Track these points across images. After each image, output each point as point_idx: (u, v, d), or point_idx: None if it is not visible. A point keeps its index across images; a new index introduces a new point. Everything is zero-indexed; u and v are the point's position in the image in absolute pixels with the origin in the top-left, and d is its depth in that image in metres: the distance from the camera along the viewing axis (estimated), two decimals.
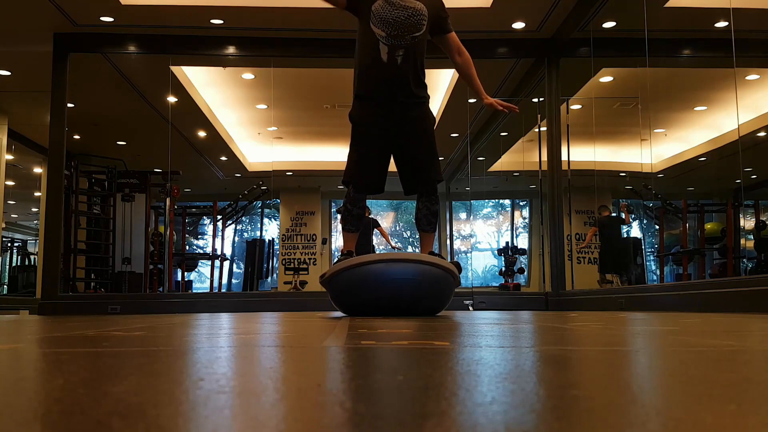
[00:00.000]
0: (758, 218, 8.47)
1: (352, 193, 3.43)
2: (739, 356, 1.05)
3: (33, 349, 1.32)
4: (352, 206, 3.46)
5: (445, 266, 3.29)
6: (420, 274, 3.20)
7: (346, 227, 3.53)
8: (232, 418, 0.49)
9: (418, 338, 1.45)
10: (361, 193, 3.46)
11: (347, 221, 3.50)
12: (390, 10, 3.28)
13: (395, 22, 3.28)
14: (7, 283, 13.13)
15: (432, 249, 3.57)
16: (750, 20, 5.38)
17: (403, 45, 3.32)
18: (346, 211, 3.49)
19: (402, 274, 3.18)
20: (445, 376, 0.76)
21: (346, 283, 3.32)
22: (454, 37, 3.53)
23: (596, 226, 8.69)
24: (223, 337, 1.58)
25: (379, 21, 3.29)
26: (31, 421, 0.49)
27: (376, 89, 3.37)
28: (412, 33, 3.32)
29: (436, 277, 3.25)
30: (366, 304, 3.27)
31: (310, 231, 13.10)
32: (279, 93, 8.93)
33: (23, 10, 6.53)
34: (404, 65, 3.33)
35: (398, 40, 3.31)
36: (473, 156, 10.09)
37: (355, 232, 3.55)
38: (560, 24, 6.92)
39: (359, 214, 3.50)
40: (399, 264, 3.25)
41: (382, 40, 3.31)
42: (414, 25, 3.32)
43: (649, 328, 1.96)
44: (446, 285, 3.33)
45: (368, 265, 3.25)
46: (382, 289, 3.16)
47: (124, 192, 9.18)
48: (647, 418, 0.48)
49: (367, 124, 3.41)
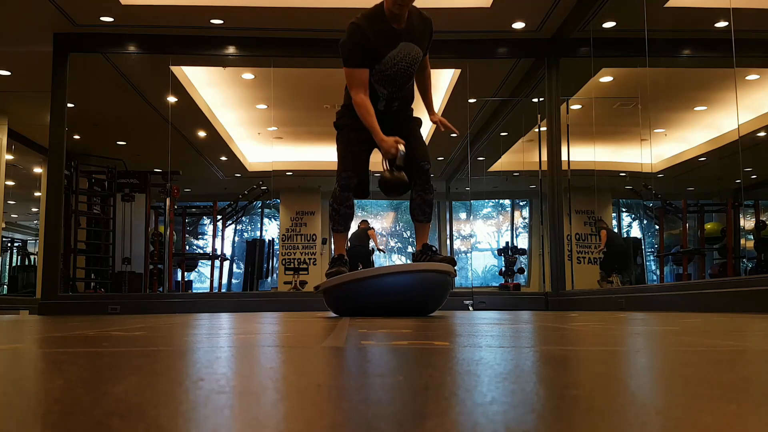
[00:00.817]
0: (758, 218, 8.47)
1: (339, 192, 3.42)
2: (739, 356, 1.05)
3: (33, 349, 1.32)
4: (339, 205, 3.42)
5: (441, 269, 3.27)
6: (414, 285, 3.20)
7: (334, 227, 3.50)
8: (232, 418, 0.49)
9: (418, 338, 1.45)
10: (347, 191, 3.43)
11: (335, 221, 3.46)
12: (392, 68, 3.33)
13: (395, 77, 3.35)
14: (7, 283, 13.13)
15: (427, 241, 3.51)
16: (750, 20, 5.38)
17: (400, 97, 3.45)
18: (333, 210, 3.45)
19: (396, 287, 3.18)
20: (445, 376, 0.76)
21: (342, 298, 3.35)
22: (427, 59, 3.61)
23: (606, 230, 8.70)
24: (223, 337, 1.58)
25: (382, 80, 3.35)
26: (31, 421, 0.49)
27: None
28: (407, 83, 3.43)
29: (432, 282, 3.25)
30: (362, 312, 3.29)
31: (310, 231, 13.10)
32: (279, 93, 8.93)
33: (23, 10, 6.53)
34: (399, 110, 3.49)
35: (397, 93, 3.42)
36: (473, 156, 10.09)
37: (343, 232, 3.52)
38: (560, 24, 6.92)
39: (347, 214, 3.45)
40: (392, 277, 3.25)
41: (382, 96, 3.41)
42: (410, 76, 3.42)
43: (649, 328, 1.96)
44: (442, 287, 3.33)
45: (361, 282, 3.26)
46: (378, 302, 3.18)
47: (124, 192, 9.19)
48: (647, 418, 0.48)
49: (354, 129, 3.43)
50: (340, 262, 3.46)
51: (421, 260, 3.41)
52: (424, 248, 3.46)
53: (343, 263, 3.46)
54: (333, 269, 3.42)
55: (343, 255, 3.51)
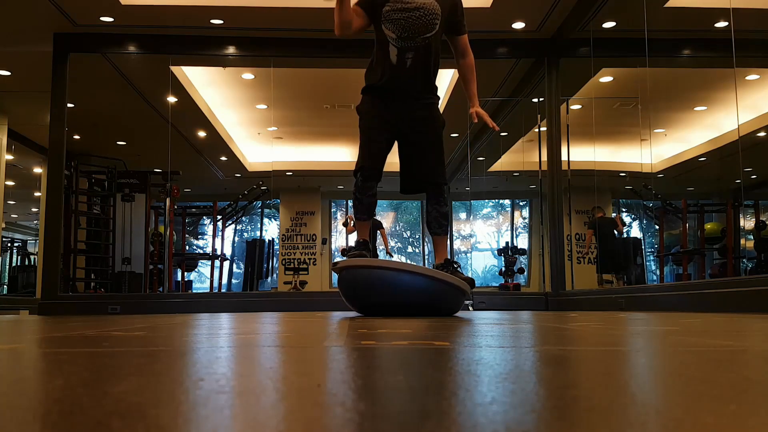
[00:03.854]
0: (758, 218, 8.47)
1: (361, 182, 3.38)
2: (739, 356, 1.05)
3: (33, 349, 1.32)
4: (362, 195, 3.39)
5: (457, 284, 3.28)
6: (428, 291, 3.22)
7: (357, 216, 3.48)
8: (232, 418, 0.49)
9: (418, 338, 1.45)
10: (369, 181, 3.39)
11: (358, 210, 3.44)
12: (400, 12, 3.21)
13: (406, 24, 3.21)
14: (7, 283, 13.13)
15: (447, 256, 3.49)
16: (750, 20, 5.38)
17: (414, 47, 3.25)
18: (356, 200, 3.42)
19: (410, 287, 3.20)
20: (445, 376, 0.76)
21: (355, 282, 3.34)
22: (465, 40, 3.47)
23: (591, 228, 8.70)
24: (223, 337, 1.58)
25: (389, 22, 3.23)
26: (31, 421, 0.49)
27: (382, 88, 3.34)
28: (423, 34, 3.24)
29: (447, 293, 3.28)
30: (373, 305, 3.29)
31: (310, 231, 13.11)
32: (279, 93, 8.93)
33: (23, 10, 6.53)
34: (413, 67, 3.27)
35: (408, 42, 3.24)
36: (473, 156, 10.09)
37: (366, 220, 3.49)
38: (560, 24, 6.92)
39: (370, 203, 3.42)
40: (410, 276, 3.27)
41: (392, 41, 3.25)
42: (425, 26, 3.24)
43: (649, 329, 1.96)
44: (456, 299, 3.35)
45: (379, 270, 3.27)
46: (387, 294, 3.18)
47: (124, 192, 9.18)
48: (647, 418, 0.48)
49: (371, 115, 3.38)
50: (365, 246, 3.43)
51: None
52: (446, 263, 3.42)
53: (366, 248, 3.43)
54: (356, 251, 3.38)
55: (368, 241, 3.48)
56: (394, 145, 3.46)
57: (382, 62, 3.31)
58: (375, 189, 3.43)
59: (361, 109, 3.44)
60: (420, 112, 3.37)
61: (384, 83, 3.32)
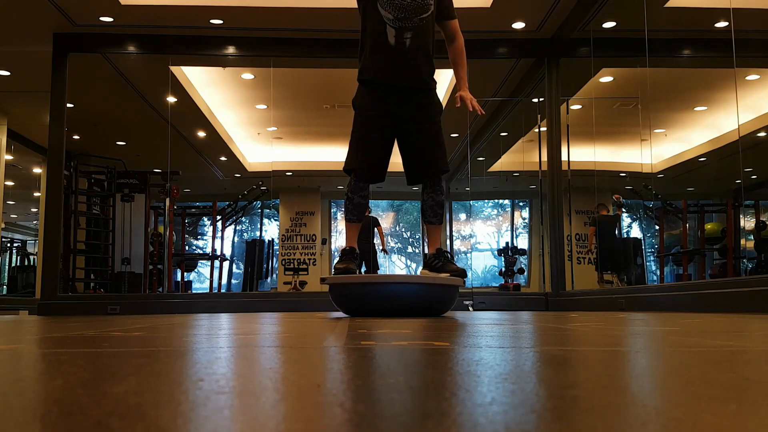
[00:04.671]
0: (758, 218, 8.46)
1: (354, 181, 3.35)
2: (739, 356, 1.05)
3: (32, 349, 1.31)
4: (353, 194, 3.35)
5: (449, 283, 3.28)
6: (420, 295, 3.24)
7: (347, 216, 3.44)
8: (231, 419, 0.49)
9: (418, 339, 1.44)
10: (363, 181, 3.36)
11: (348, 210, 3.40)
12: None
13: (402, 4, 3.22)
14: (6, 283, 13.12)
15: (440, 245, 3.45)
16: (750, 20, 5.38)
17: (411, 27, 3.25)
18: (347, 199, 3.38)
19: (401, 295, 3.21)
20: (445, 376, 0.76)
21: (346, 295, 3.35)
22: (455, 24, 3.50)
23: (594, 226, 8.70)
24: (223, 337, 1.58)
25: (386, 3, 3.22)
26: (30, 421, 0.49)
27: (383, 74, 3.30)
28: (419, 14, 3.26)
29: (440, 294, 3.28)
30: (366, 312, 3.30)
31: (310, 231, 13.10)
32: (279, 93, 8.93)
33: (23, 10, 6.53)
34: (413, 48, 3.27)
35: (406, 22, 3.24)
36: (473, 156, 10.09)
37: (356, 222, 3.44)
38: (560, 24, 6.92)
39: (361, 204, 3.38)
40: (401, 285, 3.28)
41: (389, 23, 3.24)
42: (421, 7, 3.25)
43: (649, 329, 1.96)
44: (449, 297, 3.35)
45: (367, 285, 3.28)
46: (380, 306, 3.19)
47: (124, 192, 9.18)
48: (647, 419, 0.48)
49: (370, 109, 3.34)
50: (351, 256, 3.38)
51: (434, 265, 3.37)
52: (438, 252, 3.40)
53: (353, 258, 3.38)
54: (342, 265, 3.34)
55: (355, 249, 3.43)
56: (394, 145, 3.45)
57: (380, 47, 3.28)
58: (367, 190, 3.40)
59: (359, 103, 3.39)
60: (420, 99, 3.35)
61: (385, 70, 3.29)
